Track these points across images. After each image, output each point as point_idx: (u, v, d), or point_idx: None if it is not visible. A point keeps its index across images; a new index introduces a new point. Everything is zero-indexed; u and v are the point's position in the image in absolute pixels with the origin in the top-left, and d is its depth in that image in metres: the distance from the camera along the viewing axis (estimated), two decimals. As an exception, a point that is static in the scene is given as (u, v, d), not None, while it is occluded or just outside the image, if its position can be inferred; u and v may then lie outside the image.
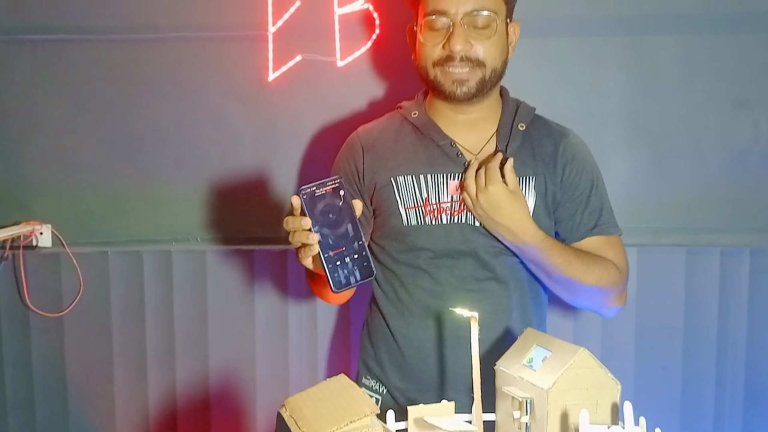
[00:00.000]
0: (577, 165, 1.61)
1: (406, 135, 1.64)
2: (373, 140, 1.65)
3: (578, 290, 1.56)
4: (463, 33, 1.49)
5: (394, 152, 1.62)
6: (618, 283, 1.58)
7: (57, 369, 2.26)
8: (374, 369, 1.68)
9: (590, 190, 1.61)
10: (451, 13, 1.49)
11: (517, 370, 1.21)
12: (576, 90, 2.10)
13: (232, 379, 2.25)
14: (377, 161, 1.62)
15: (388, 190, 1.59)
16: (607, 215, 1.63)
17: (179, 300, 2.23)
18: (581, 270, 1.52)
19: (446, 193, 1.56)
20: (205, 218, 2.19)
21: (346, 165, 1.65)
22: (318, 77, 2.11)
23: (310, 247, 1.26)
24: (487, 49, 1.51)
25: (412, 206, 1.57)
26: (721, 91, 2.07)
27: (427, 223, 1.57)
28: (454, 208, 1.56)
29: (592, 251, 1.59)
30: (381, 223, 1.62)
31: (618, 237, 1.64)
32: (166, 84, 2.15)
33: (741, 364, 2.18)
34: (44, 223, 2.19)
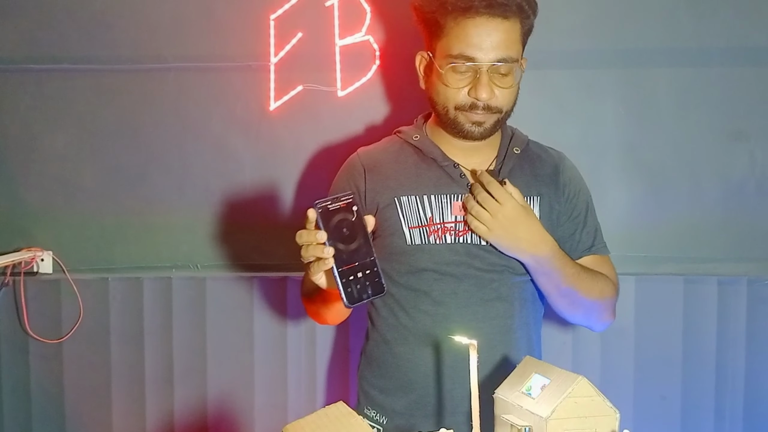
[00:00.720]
0: (574, 186, 1.66)
1: (407, 157, 1.65)
2: (374, 161, 1.66)
3: (581, 303, 1.58)
4: (489, 83, 1.51)
5: (396, 173, 1.63)
6: (614, 297, 1.65)
7: (55, 396, 2.26)
8: (376, 398, 1.65)
9: (586, 210, 1.67)
10: (478, 60, 1.50)
11: (515, 398, 1.21)
12: (574, 121, 2.12)
13: (230, 407, 2.24)
14: (379, 181, 1.63)
15: (392, 209, 1.59)
16: (600, 236, 1.69)
17: (179, 327, 2.23)
18: (587, 282, 1.57)
19: (450, 213, 1.58)
20: (206, 245, 2.20)
21: (346, 185, 1.65)
22: (319, 107, 2.14)
23: (324, 261, 1.25)
24: (506, 97, 1.54)
25: (416, 226, 1.58)
26: (716, 123, 2.09)
27: (431, 242, 1.57)
28: (458, 228, 1.57)
29: None
30: (381, 243, 1.60)
31: (609, 257, 1.71)
32: (169, 113, 2.17)
33: (740, 394, 2.17)
34: (45, 250, 2.20)
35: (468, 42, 1.50)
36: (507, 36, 1.50)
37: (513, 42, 1.51)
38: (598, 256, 1.67)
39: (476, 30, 1.49)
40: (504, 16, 1.49)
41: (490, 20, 1.49)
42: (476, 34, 1.49)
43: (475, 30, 1.49)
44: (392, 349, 1.62)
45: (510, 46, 1.51)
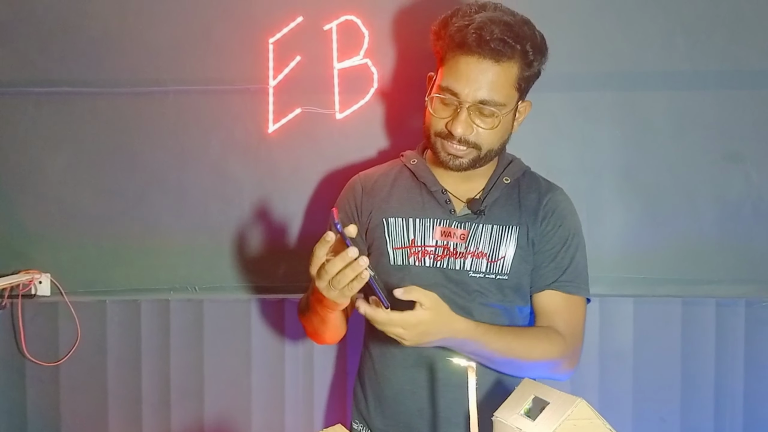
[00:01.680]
0: (555, 220, 1.64)
1: (403, 180, 1.71)
2: (372, 183, 1.72)
3: (523, 367, 1.56)
4: (466, 119, 1.53)
5: (389, 195, 1.69)
6: (565, 353, 1.59)
7: (52, 419, 2.25)
8: (363, 412, 1.72)
9: (561, 246, 1.64)
10: (461, 97, 1.52)
11: (514, 420, 1.21)
12: (570, 144, 2.14)
13: (227, 429, 2.23)
14: (374, 202, 1.69)
15: (380, 229, 1.65)
16: (572, 274, 1.63)
17: (176, 349, 2.23)
18: (522, 349, 1.54)
19: (432, 237, 1.62)
20: (204, 268, 2.20)
21: (346, 204, 1.73)
22: (317, 130, 2.15)
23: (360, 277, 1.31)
24: (486, 137, 1.56)
25: (399, 246, 1.63)
26: (712, 146, 2.11)
27: (411, 263, 1.61)
28: (438, 253, 1.61)
29: (547, 307, 1.62)
30: (373, 262, 1.65)
31: (580, 299, 1.65)
32: (168, 136, 2.18)
33: (739, 415, 2.17)
34: (43, 272, 2.20)
35: (456, 77, 1.52)
36: (496, 79, 1.51)
37: (501, 86, 1.52)
38: (562, 295, 1.63)
39: (466, 68, 1.51)
40: (495, 60, 1.50)
41: (480, 61, 1.50)
42: (464, 72, 1.51)
43: (466, 67, 1.51)
44: (374, 365, 1.68)
45: (497, 89, 1.52)
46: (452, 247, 1.60)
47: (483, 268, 1.60)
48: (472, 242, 1.60)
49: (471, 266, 1.60)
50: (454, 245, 1.60)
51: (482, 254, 1.60)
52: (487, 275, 1.60)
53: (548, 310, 1.63)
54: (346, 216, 1.71)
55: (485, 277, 1.60)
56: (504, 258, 1.60)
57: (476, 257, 1.60)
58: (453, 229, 1.61)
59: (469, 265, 1.60)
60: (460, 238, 1.61)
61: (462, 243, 1.60)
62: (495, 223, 1.61)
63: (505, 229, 1.61)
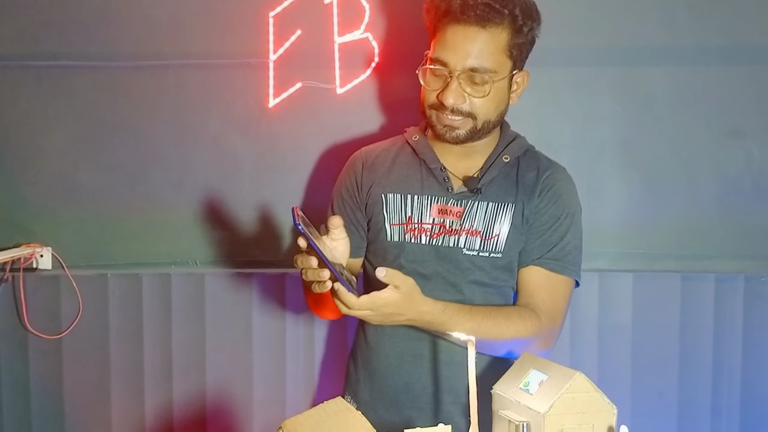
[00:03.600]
0: (549, 197, 1.62)
1: (404, 156, 1.70)
2: (373, 159, 1.72)
3: (495, 345, 1.56)
4: (457, 88, 1.52)
5: (390, 171, 1.68)
6: (538, 332, 1.57)
7: (55, 391, 2.26)
8: (353, 384, 1.74)
9: (552, 223, 1.61)
10: (450, 66, 1.51)
11: (513, 393, 1.22)
12: (571, 119, 2.13)
13: (229, 402, 2.25)
14: (374, 178, 1.68)
15: (379, 205, 1.65)
16: (558, 253, 1.61)
17: (177, 323, 2.24)
18: (493, 328, 1.52)
19: (429, 215, 1.62)
20: (205, 242, 2.20)
21: (347, 179, 1.73)
22: (318, 104, 2.14)
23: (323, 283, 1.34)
24: (479, 105, 1.54)
25: (396, 223, 1.63)
26: (713, 121, 2.10)
27: (407, 240, 1.62)
28: (434, 231, 1.61)
29: (527, 283, 1.61)
30: (371, 237, 1.69)
31: (565, 280, 1.62)
32: (168, 110, 2.18)
33: (736, 390, 2.19)
34: (45, 246, 2.20)
35: (444, 46, 1.52)
36: (483, 46, 1.50)
37: (490, 53, 1.51)
38: (546, 273, 1.60)
39: (453, 36, 1.51)
40: (481, 26, 1.49)
41: (466, 28, 1.49)
42: (452, 40, 1.51)
43: (452, 36, 1.51)
44: (366, 338, 1.70)
45: (485, 56, 1.50)
46: (447, 224, 1.60)
47: (477, 246, 1.59)
48: (467, 219, 1.60)
49: (465, 244, 1.59)
50: (449, 222, 1.60)
51: (476, 232, 1.59)
52: (481, 253, 1.59)
53: (528, 287, 1.61)
54: (348, 192, 1.71)
55: (478, 255, 1.60)
56: (498, 236, 1.59)
57: (470, 235, 1.59)
58: (449, 207, 1.61)
59: (463, 243, 1.59)
60: (455, 215, 1.60)
61: (457, 220, 1.60)
62: (490, 201, 1.60)
63: (500, 206, 1.60)
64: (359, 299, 1.36)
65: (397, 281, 1.36)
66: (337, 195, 1.74)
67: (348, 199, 1.71)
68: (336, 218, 1.39)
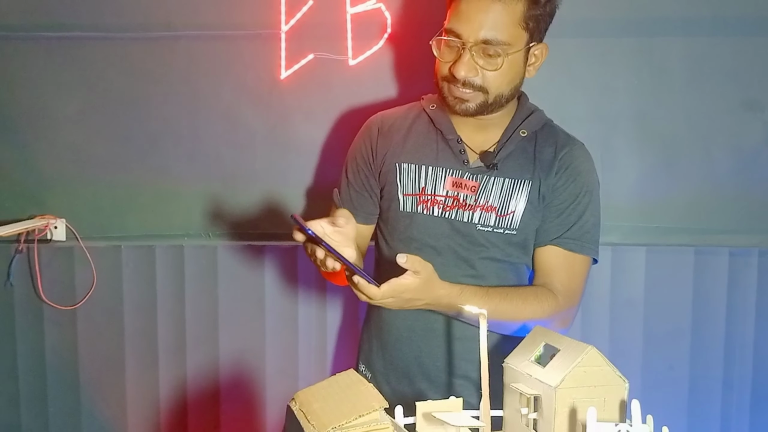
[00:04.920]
0: (567, 175, 1.60)
1: (420, 125, 1.68)
2: (389, 125, 1.69)
3: (512, 327, 1.56)
4: (469, 61, 1.50)
5: (405, 140, 1.66)
6: (556, 313, 1.57)
7: (70, 361, 2.29)
8: (366, 354, 1.74)
9: (570, 202, 1.60)
10: (463, 38, 1.49)
11: (525, 367, 1.22)
12: (585, 91, 2.11)
13: (242, 373, 2.27)
14: (389, 145, 1.67)
15: (393, 174, 1.64)
16: (577, 232, 1.60)
17: (191, 294, 2.25)
18: (510, 310, 1.53)
19: (443, 187, 1.60)
20: (217, 214, 2.21)
21: (362, 144, 1.71)
22: (330, 76, 2.13)
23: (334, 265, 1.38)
24: (491, 79, 1.52)
25: (410, 194, 1.62)
26: (730, 93, 2.08)
27: (419, 212, 1.61)
28: (447, 203, 1.59)
29: (545, 263, 1.61)
30: (384, 206, 1.68)
31: (583, 258, 1.61)
32: (180, 81, 2.17)
33: (748, 365, 2.19)
34: (59, 218, 2.21)
35: (458, 18, 1.50)
36: (498, 17, 1.47)
37: (505, 25, 1.48)
38: (564, 252, 1.59)
39: (467, 7, 1.49)
40: None
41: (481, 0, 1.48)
42: (465, 11, 1.49)
43: (466, 7, 1.49)
44: (379, 311, 1.69)
45: (500, 28, 1.48)
46: (462, 198, 1.59)
47: (491, 222, 1.58)
48: (483, 195, 1.58)
49: (479, 219, 1.58)
50: (464, 197, 1.59)
51: (491, 208, 1.58)
52: (495, 230, 1.58)
53: (546, 267, 1.61)
54: (362, 158, 1.70)
55: (493, 232, 1.58)
56: (513, 213, 1.58)
57: (485, 210, 1.58)
58: (464, 181, 1.59)
59: (478, 218, 1.58)
60: (470, 189, 1.59)
61: (472, 195, 1.58)
62: (507, 177, 1.58)
63: (516, 183, 1.58)
64: (380, 289, 1.36)
65: (417, 266, 1.36)
66: (351, 160, 1.72)
67: (362, 164, 1.70)
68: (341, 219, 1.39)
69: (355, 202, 1.71)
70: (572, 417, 1.14)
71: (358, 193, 1.70)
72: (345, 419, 0.98)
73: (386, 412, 1.05)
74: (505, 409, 1.27)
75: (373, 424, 0.99)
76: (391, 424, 1.01)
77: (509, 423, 1.27)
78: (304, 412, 1.05)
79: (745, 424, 2.20)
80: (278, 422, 2.15)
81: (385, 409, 1.03)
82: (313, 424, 1.00)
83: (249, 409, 2.27)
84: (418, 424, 1.22)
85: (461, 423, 1.16)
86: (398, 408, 1.22)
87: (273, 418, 2.25)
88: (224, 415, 2.27)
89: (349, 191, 1.71)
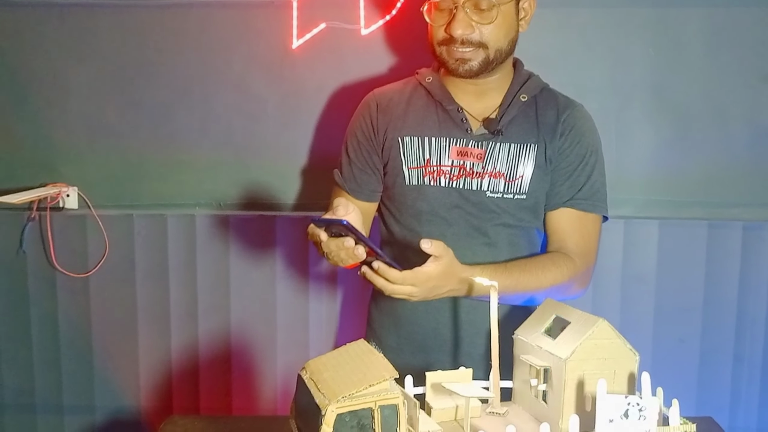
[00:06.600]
0: (573, 137, 1.61)
1: (418, 99, 1.67)
2: (387, 101, 1.69)
3: (535, 296, 1.57)
4: (464, 18, 1.50)
5: (405, 114, 1.66)
6: (575, 275, 1.59)
7: (83, 328, 2.31)
8: (376, 330, 1.74)
9: (578, 163, 1.61)
10: None
11: (535, 339, 1.22)
12: (600, 62, 2.08)
13: (253, 341, 2.28)
14: (389, 121, 1.66)
15: (396, 149, 1.64)
16: (587, 192, 1.61)
17: (202, 263, 2.26)
18: (532, 281, 1.54)
19: (448, 157, 1.60)
20: (228, 183, 2.21)
21: (362, 122, 1.70)
22: (342, 45, 2.11)
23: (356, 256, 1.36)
24: (489, 33, 1.52)
25: (415, 167, 1.62)
26: (747, 65, 2.05)
27: (427, 183, 1.60)
28: (453, 173, 1.59)
29: (559, 226, 1.62)
30: (389, 182, 1.67)
31: (595, 217, 1.63)
32: (192, 50, 2.16)
33: (760, 339, 2.19)
34: (71, 186, 2.22)
35: None
36: None
37: None
38: (577, 213, 1.61)
39: None
40: None
41: None
42: None
43: None
44: None
45: None
46: (468, 166, 1.59)
47: (501, 188, 1.59)
48: (490, 162, 1.58)
49: (488, 186, 1.58)
50: (470, 165, 1.59)
51: (500, 174, 1.58)
52: (505, 195, 1.59)
53: (561, 229, 1.62)
54: (363, 135, 1.69)
55: (503, 198, 1.59)
56: (522, 177, 1.59)
57: (494, 177, 1.58)
58: (469, 149, 1.59)
59: (487, 185, 1.58)
60: (476, 157, 1.59)
61: (479, 163, 1.58)
62: (512, 142, 1.59)
63: (522, 147, 1.59)
64: (402, 273, 1.36)
65: (440, 251, 1.36)
66: (352, 138, 1.72)
67: (364, 141, 1.69)
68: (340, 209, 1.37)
69: (358, 179, 1.70)
70: (582, 389, 1.14)
71: (361, 170, 1.70)
72: (355, 388, 0.99)
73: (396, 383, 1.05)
74: (515, 380, 1.28)
75: (383, 394, 1.00)
76: (400, 394, 1.02)
77: (519, 394, 1.27)
78: (314, 381, 1.05)
79: (755, 398, 2.21)
80: (289, 391, 2.16)
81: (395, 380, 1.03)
82: (323, 392, 1.01)
83: (260, 377, 2.29)
84: (427, 394, 1.23)
85: (471, 393, 1.17)
86: (408, 378, 1.22)
87: (283, 386, 2.27)
88: (235, 383, 2.29)
89: (352, 169, 1.71)
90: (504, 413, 1.23)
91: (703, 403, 2.17)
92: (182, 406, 2.31)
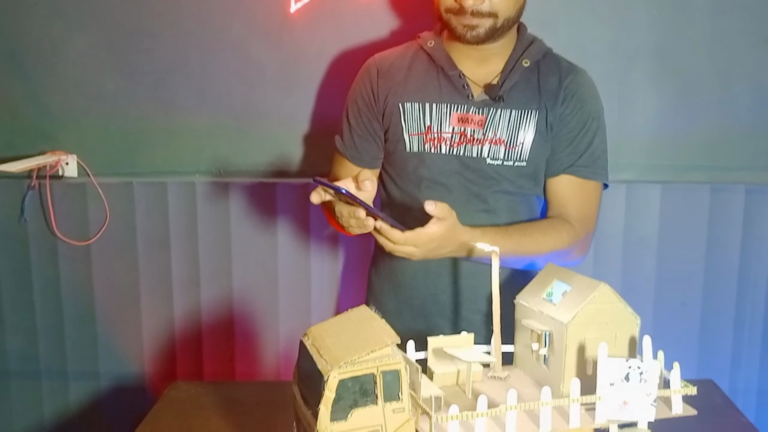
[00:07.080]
0: (574, 103, 1.60)
1: (419, 63, 1.66)
2: (388, 66, 1.68)
3: (536, 260, 1.57)
4: None
5: (406, 79, 1.65)
6: (574, 241, 1.58)
7: (85, 296, 2.31)
8: (376, 294, 1.75)
9: (579, 130, 1.60)
10: None
11: (536, 303, 1.22)
12: (603, 24, 2.06)
13: (255, 308, 2.29)
14: (390, 86, 1.65)
15: (396, 115, 1.63)
16: (588, 159, 1.61)
17: (203, 231, 2.26)
18: (532, 245, 1.54)
19: (448, 124, 1.59)
20: (228, 151, 2.19)
21: (362, 87, 1.69)
22: (341, 10, 2.09)
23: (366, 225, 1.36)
24: (500, 3, 1.50)
25: (415, 133, 1.61)
26: (751, 27, 2.03)
27: (427, 150, 1.60)
28: (454, 140, 1.59)
29: (559, 192, 1.61)
30: (389, 148, 1.67)
31: (595, 184, 1.63)
32: (189, 16, 2.13)
33: (761, 303, 2.19)
34: (69, 154, 2.21)
35: None
36: None
37: None
38: (577, 180, 1.61)
39: None
40: None
41: None
42: None
43: None
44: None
45: None
46: (469, 133, 1.58)
47: (501, 155, 1.58)
48: (490, 128, 1.58)
49: (489, 153, 1.58)
50: (471, 131, 1.58)
51: (500, 141, 1.58)
52: (505, 162, 1.58)
53: (561, 196, 1.62)
54: (363, 101, 1.68)
55: (503, 164, 1.58)
56: (522, 144, 1.58)
57: (494, 144, 1.58)
58: (470, 115, 1.58)
59: (487, 152, 1.58)
60: (477, 124, 1.58)
61: (480, 129, 1.58)
62: (513, 108, 1.58)
63: (523, 114, 1.58)
64: (404, 234, 1.36)
65: (444, 213, 1.35)
66: (352, 104, 1.71)
67: (364, 108, 1.68)
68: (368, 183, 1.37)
69: (359, 146, 1.70)
70: (583, 353, 1.15)
71: (362, 137, 1.69)
72: (357, 354, 0.99)
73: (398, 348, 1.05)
74: (516, 345, 1.28)
75: (385, 360, 1.00)
76: (402, 359, 1.02)
77: (520, 358, 1.28)
78: (316, 347, 1.05)
79: (756, 361, 2.22)
80: (291, 356, 2.18)
81: (397, 345, 1.03)
82: (325, 358, 1.01)
83: (262, 344, 2.30)
84: (429, 359, 1.23)
85: (472, 358, 1.17)
86: (410, 343, 1.23)
87: (286, 353, 2.28)
88: (238, 349, 2.31)
89: (353, 136, 1.70)
90: (505, 377, 1.24)
91: (704, 366, 2.19)
92: (186, 372, 2.32)
